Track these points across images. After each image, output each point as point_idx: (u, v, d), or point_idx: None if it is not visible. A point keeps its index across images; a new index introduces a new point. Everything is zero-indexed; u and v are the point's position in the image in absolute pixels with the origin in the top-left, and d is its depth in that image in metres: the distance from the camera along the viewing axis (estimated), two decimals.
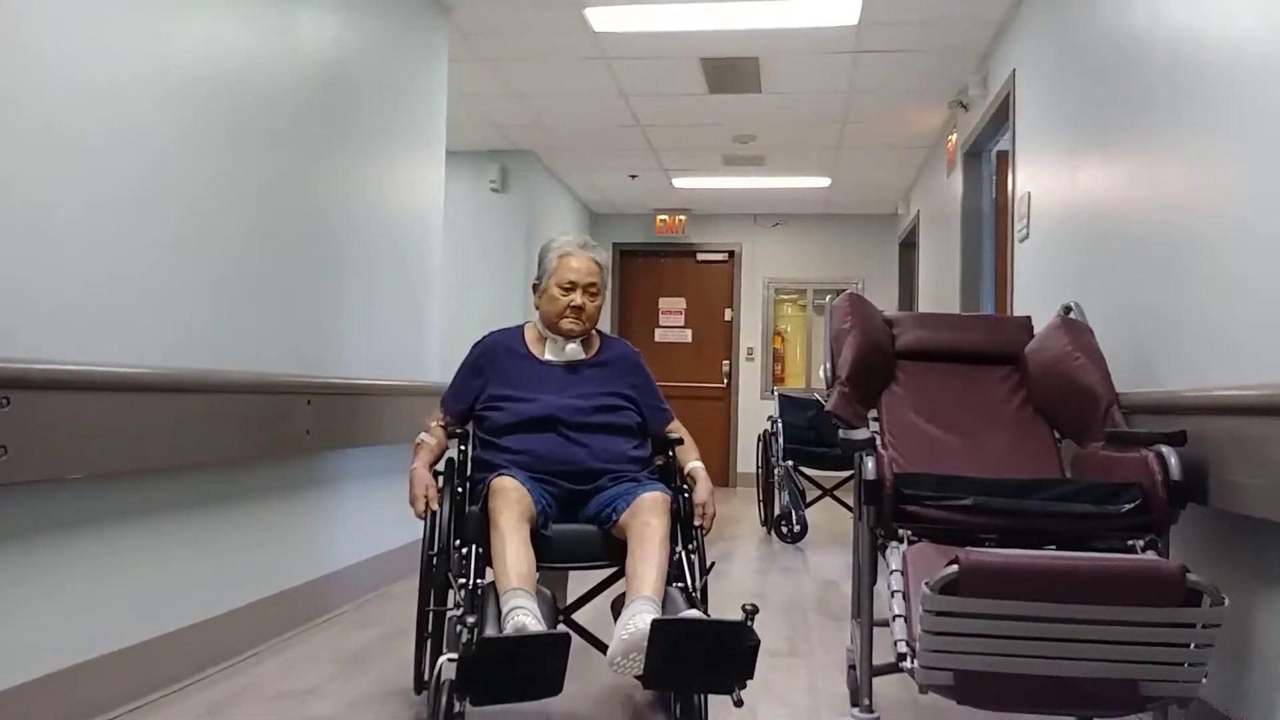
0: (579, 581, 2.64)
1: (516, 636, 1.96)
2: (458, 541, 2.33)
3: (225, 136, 2.83)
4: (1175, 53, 2.48)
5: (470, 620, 1.87)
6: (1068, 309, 2.75)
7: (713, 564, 2.44)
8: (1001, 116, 4.46)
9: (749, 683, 1.97)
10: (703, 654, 1.92)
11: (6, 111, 2.03)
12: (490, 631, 2.01)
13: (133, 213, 2.43)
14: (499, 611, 2.07)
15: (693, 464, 2.55)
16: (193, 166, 2.68)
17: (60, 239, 2.19)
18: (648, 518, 2.26)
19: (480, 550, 2.27)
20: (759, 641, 1.93)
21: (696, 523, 2.42)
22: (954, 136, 5.61)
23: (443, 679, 1.99)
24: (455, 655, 1.93)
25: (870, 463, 2.08)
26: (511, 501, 2.25)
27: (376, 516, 3.89)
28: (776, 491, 5.74)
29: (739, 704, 1.94)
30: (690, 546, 2.37)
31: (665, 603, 2.15)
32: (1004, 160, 4.62)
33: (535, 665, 1.89)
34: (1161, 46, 2.58)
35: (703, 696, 2.11)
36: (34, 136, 2.11)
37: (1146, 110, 2.68)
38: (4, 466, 1.97)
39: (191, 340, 2.67)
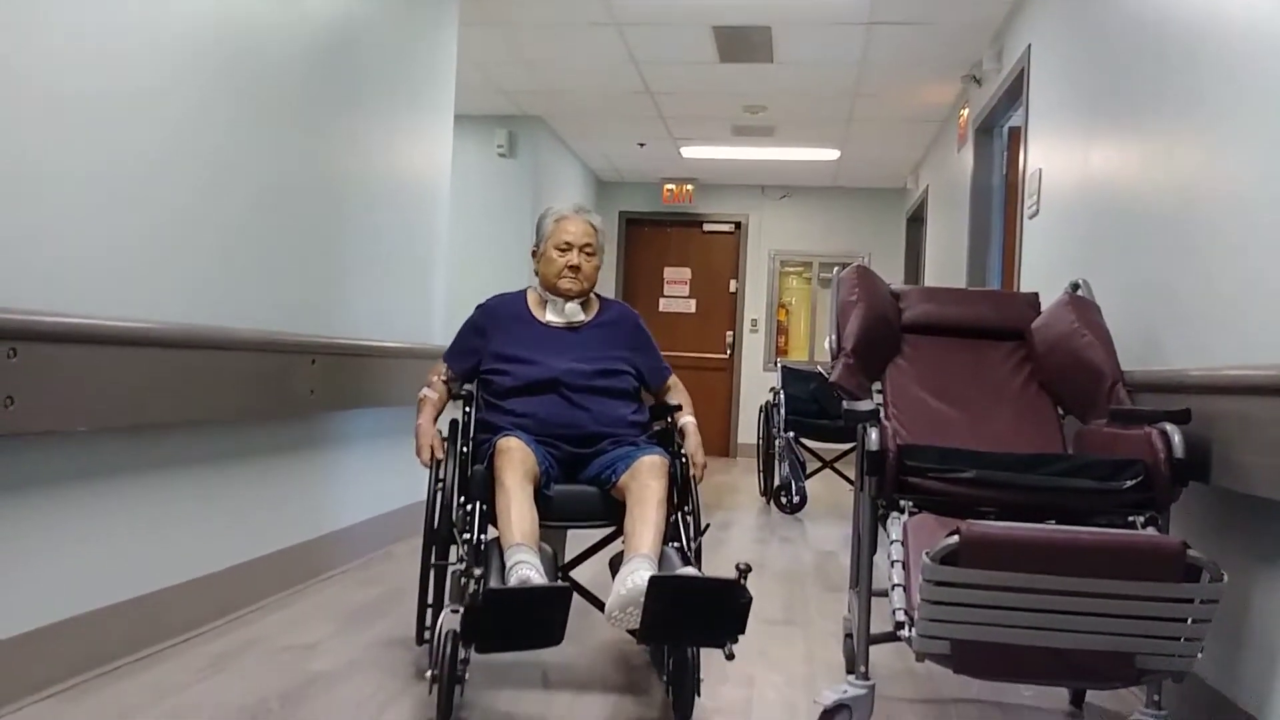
0: (575, 541, 2.70)
1: (521, 588, 2.02)
2: (463, 499, 2.38)
3: (235, 98, 2.81)
4: (1193, 32, 2.46)
5: (477, 572, 1.93)
6: (1075, 286, 2.74)
7: (708, 525, 2.50)
8: (1015, 92, 4.43)
9: (752, 654, 2.05)
10: (697, 610, 1.99)
11: (13, 74, 2.02)
12: (494, 584, 2.06)
13: (144, 174, 2.42)
14: (503, 565, 2.14)
15: (685, 419, 2.63)
16: (203, 129, 2.66)
17: (73, 199, 2.19)
18: (646, 480, 2.33)
19: (485, 507, 2.32)
20: (751, 599, 2.00)
21: (692, 472, 2.49)
22: (966, 111, 5.57)
23: (445, 630, 2.06)
24: (459, 607, 2.06)
25: (874, 434, 2.08)
26: (516, 462, 2.31)
27: (379, 477, 3.91)
28: (777, 462, 5.77)
29: (730, 657, 2.01)
30: (686, 509, 2.43)
31: (661, 561, 2.22)
32: (1016, 136, 4.59)
33: (538, 616, 1.95)
34: (1179, 25, 2.55)
35: (695, 651, 2.16)
36: (44, 99, 2.10)
37: (1162, 89, 2.66)
38: (11, 417, 1.97)
39: (199, 297, 2.67)
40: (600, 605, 2.41)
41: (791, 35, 5.17)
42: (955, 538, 1.69)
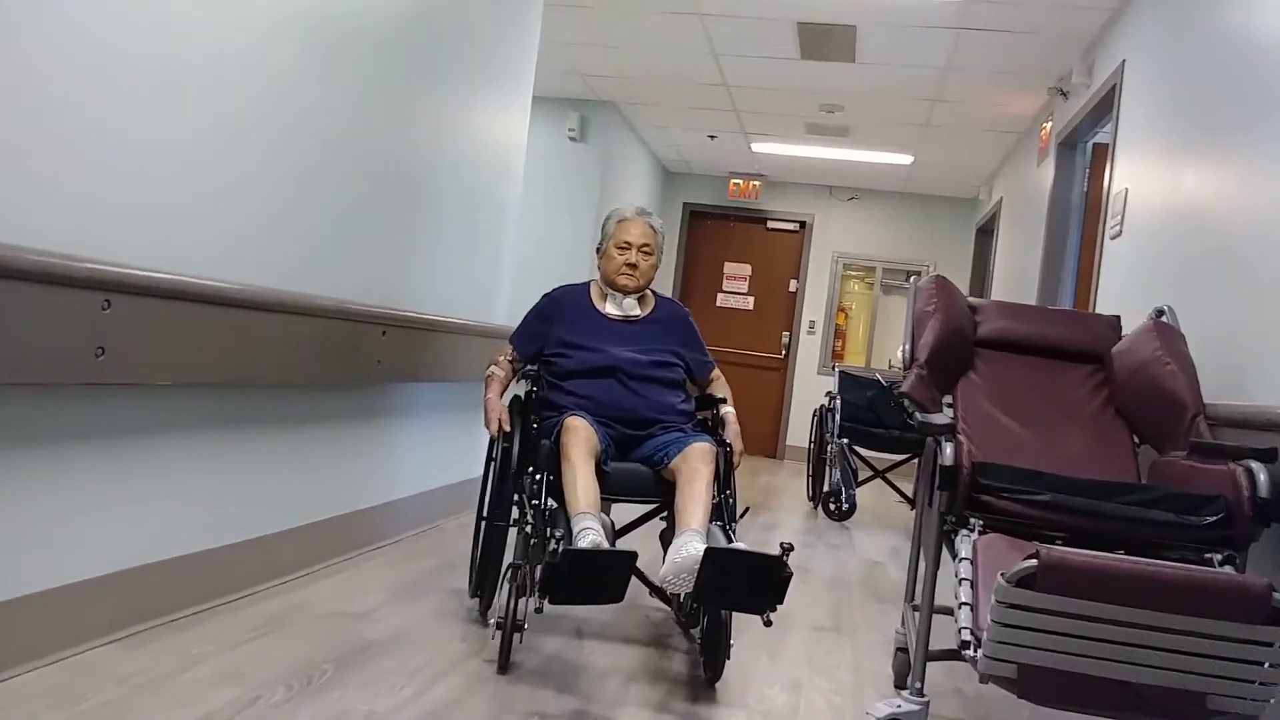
0: (615, 514, 2.83)
1: (596, 550, 2.24)
2: (530, 468, 2.57)
3: (321, 74, 2.84)
4: None
5: (558, 533, 2.14)
6: (1160, 312, 2.67)
7: (747, 509, 2.79)
8: (1104, 108, 4.32)
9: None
10: (744, 580, 2.19)
11: (146, 54, 2.06)
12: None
13: (232, 142, 2.46)
14: (569, 530, 2.35)
15: (725, 409, 2.88)
16: (292, 101, 2.70)
17: (170, 163, 2.23)
18: (696, 464, 2.53)
19: (551, 478, 2.52)
20: (791, 574, 2.19)
21: (733, 459, 2.71)
22: (1049, 124, 5.45)
23: (507, 588, 2.37)
24: (521, 562, 2.38)
25: (949, 448, 2.05)
26: (582, 439, 2.52)
27: (435, 452, 3.94)
28: (828, 468, 5.71)
29: (768, 624, 2.22)
30: (728, 493, 2.64)
31: (709, 536, 2.40)
32: (1101, 153, 4.48)
33: (607, 576, 2.16)
34: None
35: (729, 617, 2.37)
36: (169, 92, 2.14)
37: (1261, 114, 2.57)
38: (100, 367, 2.02)
39: (285, 264, 2.71)
40: (641, 575, 2.68)
41: (876, 35, 5.10)
42: (1033, 561, 1.65)
